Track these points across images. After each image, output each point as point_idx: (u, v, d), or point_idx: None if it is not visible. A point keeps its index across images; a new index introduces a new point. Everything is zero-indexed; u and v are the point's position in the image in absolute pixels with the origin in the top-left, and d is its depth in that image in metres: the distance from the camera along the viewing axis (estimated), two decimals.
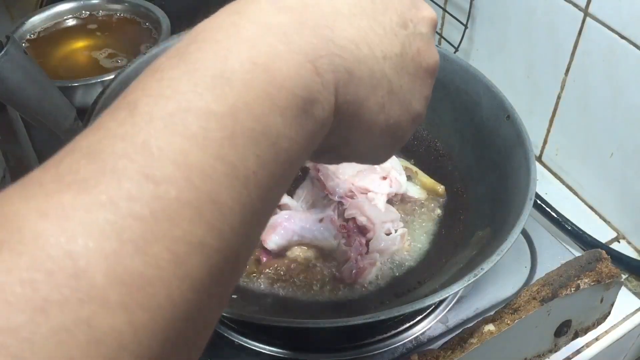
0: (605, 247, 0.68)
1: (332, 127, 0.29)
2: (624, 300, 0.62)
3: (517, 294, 0.49)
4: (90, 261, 0.19)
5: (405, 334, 0.55)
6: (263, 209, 0.25)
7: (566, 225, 0.69)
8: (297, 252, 0.57)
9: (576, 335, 0.53)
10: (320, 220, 0.58)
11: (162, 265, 0.21)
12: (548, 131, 0.77)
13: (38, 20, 0.82)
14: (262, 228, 0.26)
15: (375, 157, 0.37)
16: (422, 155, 0.69)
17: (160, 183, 0.21)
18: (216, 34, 0.26)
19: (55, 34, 0.82)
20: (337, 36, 0.28)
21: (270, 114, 0.25)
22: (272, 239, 0.56)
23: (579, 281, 0.48)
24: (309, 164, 0.63)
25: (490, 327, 0.46)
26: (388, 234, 0.58)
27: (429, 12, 0.34)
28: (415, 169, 0.66)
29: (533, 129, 0.73)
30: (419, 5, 0.34)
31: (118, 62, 0.78)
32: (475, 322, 0.47)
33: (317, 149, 0.29)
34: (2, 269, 0.18)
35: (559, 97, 0.73)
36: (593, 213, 0.74)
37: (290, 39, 0.26)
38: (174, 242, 0.21)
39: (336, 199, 0.60)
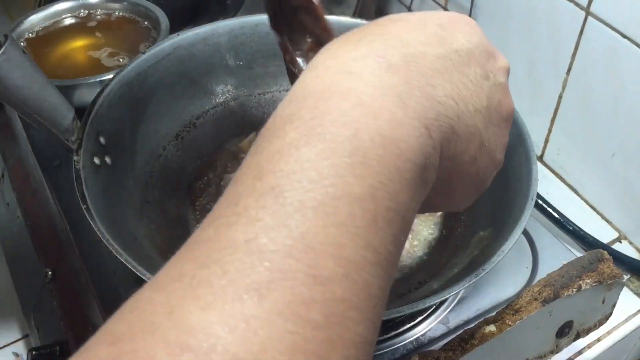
0: (607, 247, 0.68)
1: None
2: (626, 301, 0.62)
3: (518, 295, 0.48)
4: None
5: (405, 335, 0.55)
6: (392, 282, 0.25)
7: (568, 226, 0.69)
8: None
9: (578, 336, 0.52)
10: None
11: None
12: (549, 131, 0.77)
13: (36, 19, 0.82)
14: None
15: (460, 205, 0.38)
16: None
17: (325, 283, 0.21)
18: (340, 102, 0.25)
19: (54, 33, 0.82)
20: (439, 94, 0.28)
21: (401, 189, 0.25)
22: None
23: (580, 282, 0.48)
24: None
25: (492, 327, 0.46)
26: None
27: (505, 62, 0.35)
28: None
29: (534, 128, 0.73)
30: (495, 55, 0.34)
31: (120, 60, 0.77)
32: (476, 322, 0.47)
33: None
34: None
35: (560, 97, 0.73)
36: (595, 213, 0.74)
37: (405, 103, 0.26)
38: (346, 346, 0.21)
39: None
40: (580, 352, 0.59)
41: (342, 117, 0.24)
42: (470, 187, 0.34)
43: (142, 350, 0.19)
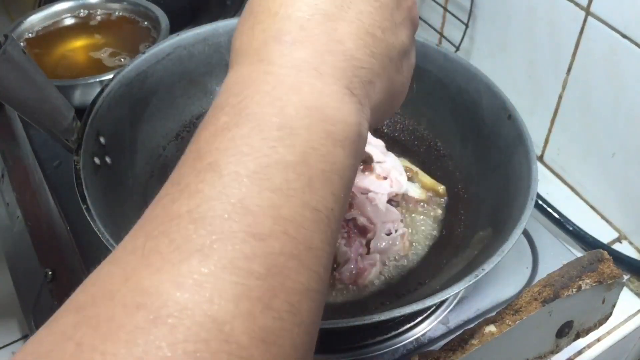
0: (607, 247, 0.68)
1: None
2: (626, 301, 0.62)
3: (518, 295, 0.48)
4: (234, 324, 0.21)
5: (406, 335, 0.55)
6: (337, 238, 0.27)
7: (568, 226, 0.69)
8: None
9: (578, 336, 0.52)
10: None
11: (284, 317, 0.23)
12: (549, 131, 0.77)
13: (36, 19, 0.82)
14: None
15: (396, 108, 0.38)
16: (422, 155, 0.68)
17: (265, 239, 0.23)
18: (261, 85, 0.28)
19: (54, 33, 0.82)
20: (349, 46, 0.30)
21: (334, 150, 0.27)
22: None
23: (580, 282, 0.48)
24: None
25: (492, 328, 0.46)
26: (389, 234, 0.58)
27: None
28: (415, 169, 0.66)
29: (534, 128, 0.73)
30: None
31: (121, 60, 0.77)
32: (476, 322, 0.47)
33: None
34: (166, 343, 0.20)
35: (560, 97, 0.73)
36: (595, 213, 0.74)
37: (321, 72, 0.28)
38: (288, 293, 0.23)
39: None
40: (580, 352, 0.59)
41: (266, 98, 0.27)
42: (402, 89, 0.35)
43: (103, 314, 0.21)
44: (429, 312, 0.56)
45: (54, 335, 0.21)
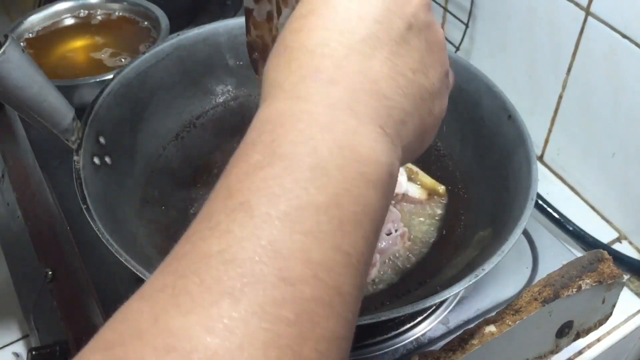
0: (607, 247, 0.68)
1: None
2: (626, 301, 0.62)
3: (518, 295, 0.48)
4: None
5: (405, 335, 0.55)
6: (366, 281, 0.27)
7: (568, 226, 0.69)
8: None
9: (578, 336, 0.52)
10: None
11: None
12: (549, 131, 0.77)
13: (36, 19, 0.82)
14: None
15: (426, 146, 0.39)
16: (422, 155, 0.68)
17: (295, 284, 0.23)
18: (295, 123, 0.27)
19: (54, 33, 0.82)
20: (382, 86, 0.30)
21: (366, 192, 0.27)
22: None
23: (580, 282, 0.48)
24: None
25: (492, 328, 0.46)
26: (389, 234, 0.58)
27: None
28: (415, 169, 0.66)
29: (534, 128, 0.72)
30: None
31: (121, 60, 0.77)
32: (476, 323, 0.47)
33: None
34: None
35: (560, 97, 0.73)
36: (595, 213, 0.74)
37: (356, 111, 0.28)
38: (317, 341, 0.23)
39: None
40: (580, 352, 0.59)
41: (300, 137, 0.27)
42: (432, 129, 0.36)
43: (132, 353, 0.21)
44: (429, 312, 0.56)
45: None
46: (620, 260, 0.66)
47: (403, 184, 0.62)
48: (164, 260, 0.25)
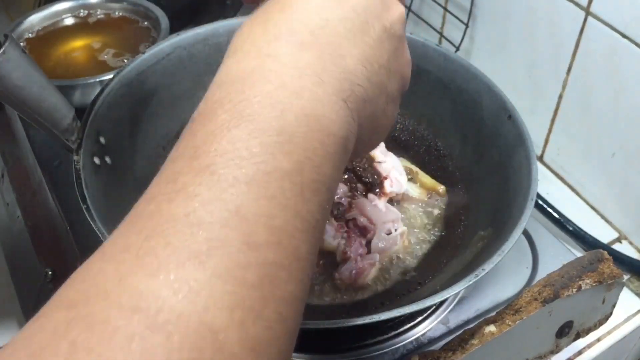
0: (607, 247, 0.68)
1: None
2: (626, 301, 0.62)
3: (518, 295, 0.48)
4: (227, 334, 0.21)
5: (405, 335, 0.55)
6: (318, 247, 0.28)
7: (568, 226, 0.69)
8: None
9: (578, 336, 0.52)
10: None
11: (273, 327, 0.23)
12: (549, 131, 0.77)
13: (36, 19, 0.82)
14: None
15: (376, 145, 0.41)
16: (422, 155, 0.68)
17: (259, 249, 0.23)
18: (264, 84, 0.28)
19: (54, 33, 0.82)
20: (350, 63, 0.31)
21: (325, 162, 0.27)
22: None
23: (580, 282, 0.48)
24: None
25: (492, 328, 0.46)
26: (389, 234, 0.58)
27: (399, 9, 0.36)
28: (415, 169, 0.66)
29: (534, 128, 0.72)
30: (389, 4, 0.36)
31: (124, 61, 0.77)
32: (476, 323, 0.47)
33: None
34: (161, 351, 0.20)
35: (560, 97, 0.73)
36: (595, 213, 0.74)
37: (323, 79, 0.29)
38: (278, 303, 0.23)
39: (335, 199, 0.60)
40: (580, 352, 0.59)
41: (268, 99, 0.27)
42: (383, 131, 0.37)
43: (97, 313, 0.21)
44: (429, 312, 0.56)
45: (46, 332, 0.21)
46: (620, 260, 0.66)
47: (403, 184, 0.62)
48: (125, 219, 0.25)
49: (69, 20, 0.84)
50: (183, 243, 0.23)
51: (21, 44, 0.78)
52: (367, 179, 0.61)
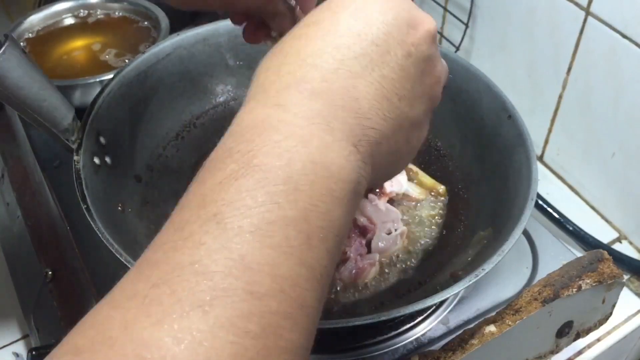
0: (607, 247, 0.68)
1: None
2: (626, 301, 0.62)
3: (518, 295, 0.48)
4: None
5: (405, 335, 0.55)
6: (326, 294, 0.28)
7: (568, 226, 0.69)
8: None
9: (578, 336, 0.52)
10: None
11: None
12: (549, 131, 0.77)
13: (36, 19, 0.82)
14: None
15: (397, 173, 0.40)
16: (422, 155, 0.68)
17: (262, 298, 0.24)
18: (273, 134, 0.28)
19: (54, 33, 0.82)
20: (364, 105, 0.30)
21: (333, 208, 0.27)
22: None
23: (580, 282, 0.48)
24: None
25: (492, 327, 0.46)
26: (388, 234, 0.58)
27: (427, 26, 0.34)
28: (415, 169, 0.66)
29: (534, 128, 0.73)
30: (416, 23, 0.34)
31: (125, 61, 0.77)
32: (476, 322, 0.47)
33: None
34: None
35: (560, 97, 0.73)
36: (595, 213, 0.74)
37: (332, 127, 0.29)
38: (281, 353, 0.24)
39: None
40: (580, 352, 0.59)
41: (275, 149, 0.27)
42: (406, 158, 0.37)
43: None
44: (429, 312, 0.56)
45: None
46: (620, 260, 0.66)
47: (403, 184, 0.62)
48: (135, 266, 0.26)
49: (69, 20, 0.84)
50: (187, 292, 0.23)
51: (21, 44, 0.78)
52: None
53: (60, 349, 0.23)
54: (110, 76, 0.60)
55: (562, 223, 0.69)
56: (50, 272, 0.65)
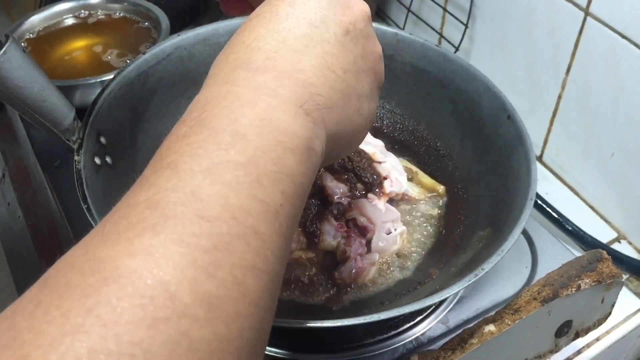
0: (606, 247, 0.68)
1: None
2: (625, 300, 0.62)
3: (517, 294, 0.48)
4: (178, 286, 0.24)
5: (405, 335, 0.55)
6: (290, 233, 0.30)
7: (567, 226, 0.69)
8: (298, 253, 0.57)
9: (577, 336, 0.52)
10: None
11: (228, 287, 0.25)
12: (549, 131, 0.77)
13: (37, 19, 0.82)
14: (290, 249, 0.31)
15: (358, 143, 0.43)
16: (422, 155, 0.68)
17: (213, 221, 0.26)
18: (221, 101, 0.31)
19: (55, 34, 0.82)
20: (308, 76, 0.33)
21: (284, 156, 0.30)
22: None
23: (579, 281, 0.48)
24: None
25: (491, 327, 0.46)
26: (388, 234, 0.58)
27: (361, 7, 0.38)
28: (415, 169, 0.66)
29: (534, 128, 0.73)
30: (350, 4, 0.38)
31: (127, 61, 0.78)
32: (475, 322, 0.47)
33: None
34: (117, 297, 0.23)
35: (559, 97, 0.73)
36: (594, 213, 0.74)
37: (278, 93, 0.32)
38: (233, 267, 0.25)
39: (335, 199, 0.60)
40: (579, 352, 0.59)
41: (223, 111, 0.30)
42: (362, 129, 0.39)
43: (62, 279, 0.24)
44: (428, 311, 0.57)
45: (20, 301, 0.24)
46: (620, 260, 0.66)
47: (403, 184, 0.62)
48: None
49: (70, 21, 0.84)
50: (141, 220, 0.25)
51: (22, 44, 0.79)
52: (367, 179, 0.61)
53: (32, 286, 0.25)
54: (111, 76, 0.61)
55: (561, 223, 0.69)
56: None
